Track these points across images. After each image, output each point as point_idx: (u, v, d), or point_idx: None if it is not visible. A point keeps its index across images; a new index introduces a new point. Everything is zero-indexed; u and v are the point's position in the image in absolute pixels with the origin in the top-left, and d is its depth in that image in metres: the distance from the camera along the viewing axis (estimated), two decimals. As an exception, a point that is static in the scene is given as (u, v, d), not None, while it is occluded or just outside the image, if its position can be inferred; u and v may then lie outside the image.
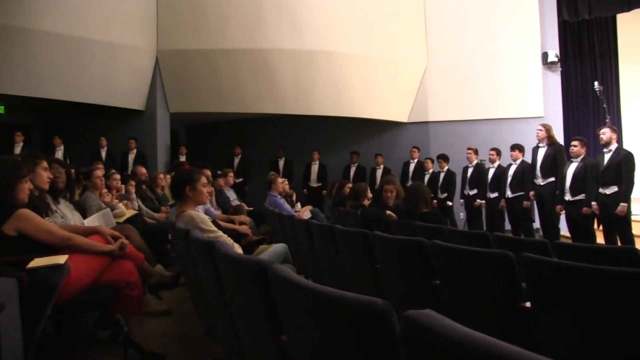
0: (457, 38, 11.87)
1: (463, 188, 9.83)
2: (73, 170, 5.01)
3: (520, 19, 11.59)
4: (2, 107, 11.49)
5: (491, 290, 2.62)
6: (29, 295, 2.46)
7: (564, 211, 7.47)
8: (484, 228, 9.11)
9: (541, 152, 7.89)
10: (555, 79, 11.63)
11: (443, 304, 2.88)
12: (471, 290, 2.74)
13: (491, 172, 9.19)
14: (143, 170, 8.11)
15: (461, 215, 10.66)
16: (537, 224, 8.89)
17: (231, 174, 8.75)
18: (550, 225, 7.90)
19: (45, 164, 3.85)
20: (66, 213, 4.28)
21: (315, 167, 12.25)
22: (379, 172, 11.60)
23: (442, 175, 10.47)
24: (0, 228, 3.00)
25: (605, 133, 6.96)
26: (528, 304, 2.41)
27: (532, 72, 11.59)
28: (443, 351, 0.97)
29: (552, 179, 7.72)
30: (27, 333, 2.30)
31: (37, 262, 2.74)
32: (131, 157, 11.04)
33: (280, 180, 8.13)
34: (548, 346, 2.27)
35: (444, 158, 10.50)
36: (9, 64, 9.47)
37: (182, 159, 11.49)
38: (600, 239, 7.30)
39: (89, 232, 3.40)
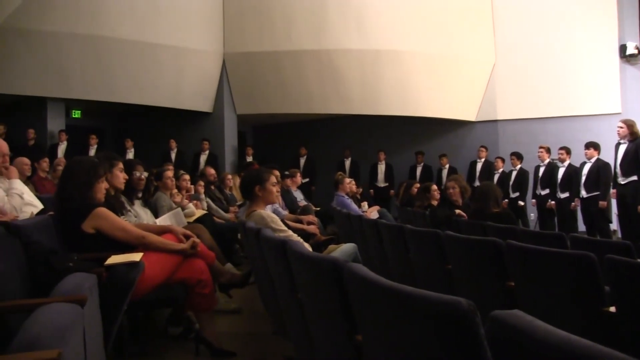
0: (527, 32, 11.47)
1: (535, 188, 9.53)
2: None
3: (596, 9, 11.10)
4: (79, 111, 11.97)
5: (571, 294, 2.51)
6: (107, 290, 2.52)
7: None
8: (556, 229, 8.80)
9: (622, 149, 7.46)
10: (634, 73, 11.06)
11: (518, 306, 2.77)
12: (549, 293, 2.63)
13: (561, 171, 8.87)
14: (212, 171, 8.27)
15: (532, 215, 10.35)
16: (613, 225, 8.52)
17: (299, 175, 8.79)
18: (633, 226, 7.47)
19: (121, 165, 3.96)
20: (140, 213, 4.39)
21: (382, 167, 12.16)
22: (445, 173, 11.41)
23: (514, 173, 10.16)
24: (79, 226, 3.12)
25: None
26: (612, 309, 2.29)
27: (608, 66, 11.06)
28: (534, 353, 0.92)
29: (635, 177, 7.27)
30: (106, 327, 2.36)
31: (114, 259, 2.82)
32: (203, 158, 11.29)
33: (347, 180, 8.10)
34: (636, 354, 2.15)
35: (517, 156, 10.15)
36: (84, 71, 9.91)
37: (249, 159, 11.65)
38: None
39: (161, 230, 3.47)
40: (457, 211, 5.72)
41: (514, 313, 0.99)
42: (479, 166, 11.20)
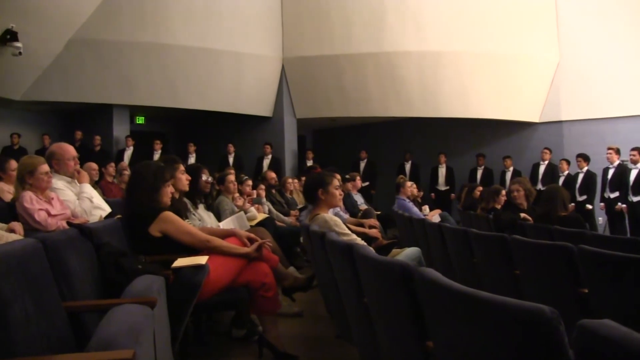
0: (592, 28, 10.97)
1: (603, 191, 9.16)
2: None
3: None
4: (143, 117, 12.31)
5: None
6: (174, 293, 2.56)
7: None
8: (628, 234, 8.45)
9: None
10: None
11: (593, 314, 2.65)
12: (628, 303, 2.49)
13: (633, 173, 8.51)
14: (273, 175, 8.33)
15: (600, 219, 9.96)
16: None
17: (359, 178, 8.76)
18: None
19: (182, 167, 4.03)
20: (204, 216, 4.45)
21: (442, 170, 11.99)
22: (509, 175, 11.11)
23: (580, 176, 9.80)
24: (146, 229, 3.18)
25: None
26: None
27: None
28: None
29: None
30: (173, 328, 2.39)
31: (180, 262, 2.86)
32: (266, 162, 11.40)
33: (409, 183, 8.01)
34: None
35: (584, 158, 9.78)
36: (148, 78, 10.19)
37: (309, 163, 11.67)
38: None
39: (226, 234, 3.50)
40: (523, 215, 5.55)
41: (605, 323, 0.93)
42: (541, 169, 10.85)
